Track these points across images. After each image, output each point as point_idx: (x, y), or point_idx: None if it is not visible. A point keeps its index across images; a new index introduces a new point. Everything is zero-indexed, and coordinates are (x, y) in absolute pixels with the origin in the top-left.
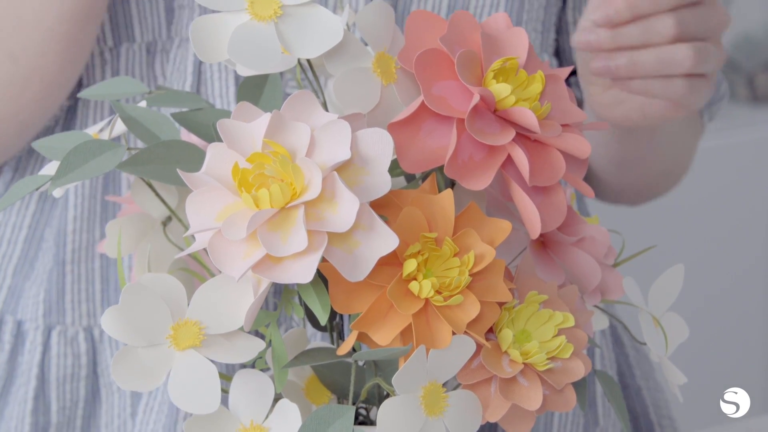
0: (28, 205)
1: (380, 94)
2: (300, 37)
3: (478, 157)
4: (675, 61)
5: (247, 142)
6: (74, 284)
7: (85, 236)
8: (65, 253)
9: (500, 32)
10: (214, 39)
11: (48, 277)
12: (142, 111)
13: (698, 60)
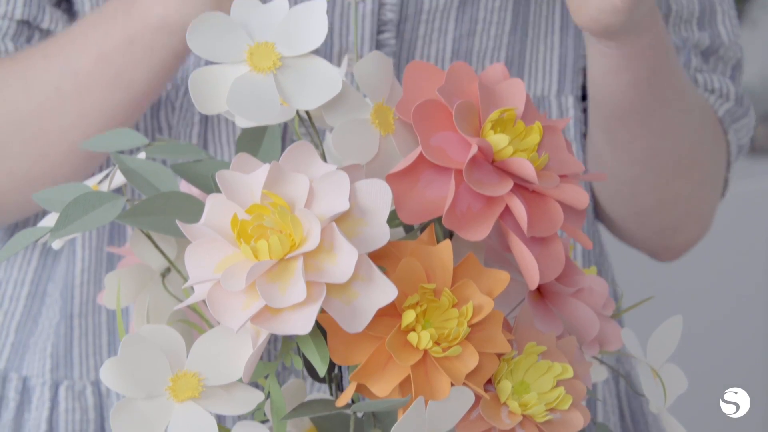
0: (30, 261)
1: (379, 145)
2: (299, 89)
3: (477, 208)
4: None
5: (246, 193)
6: (82, 338)
7: (92, 289)
8: (73, 307)
9: (498, 83)
10: (213, 90)
11: (55, 331)
12: (141, 163)
13: None
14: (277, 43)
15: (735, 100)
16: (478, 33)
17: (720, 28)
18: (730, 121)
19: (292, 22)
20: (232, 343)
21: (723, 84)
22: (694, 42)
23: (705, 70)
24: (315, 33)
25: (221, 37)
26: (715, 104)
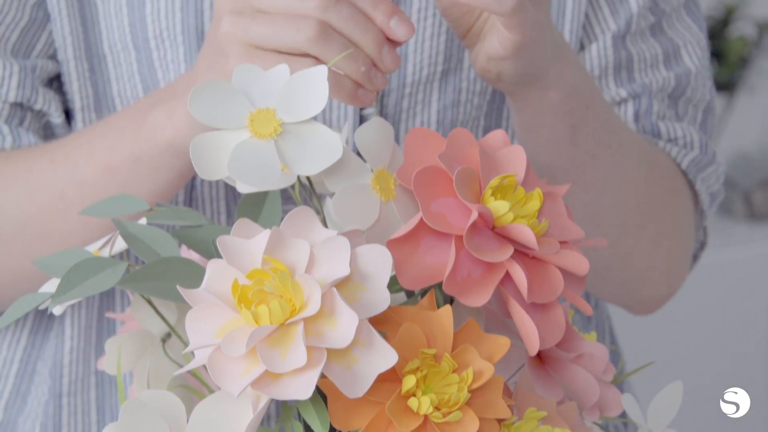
0: (20, 340)
1: (379, 211)
2: (300, 155)
3: (477, 274)
4: None
5: (246, 258)
6: (71, 417)
7: (81, 367)
8: (62, 386)
9: (498, 149)
10: (214, 156)
11: (44, 411)
12: (142, 228)
13: None
14: (278, 110)
15: (700, 149)
16: (462, 103)
17: (689, 65)
18: (696, 171)
19: (292, 88)
20: (232, 409)
21: (686, 132)
22: (659, 86)
23: (668, 117)
24: (316, 99)
25: (223, 104)
26: (678, 155)
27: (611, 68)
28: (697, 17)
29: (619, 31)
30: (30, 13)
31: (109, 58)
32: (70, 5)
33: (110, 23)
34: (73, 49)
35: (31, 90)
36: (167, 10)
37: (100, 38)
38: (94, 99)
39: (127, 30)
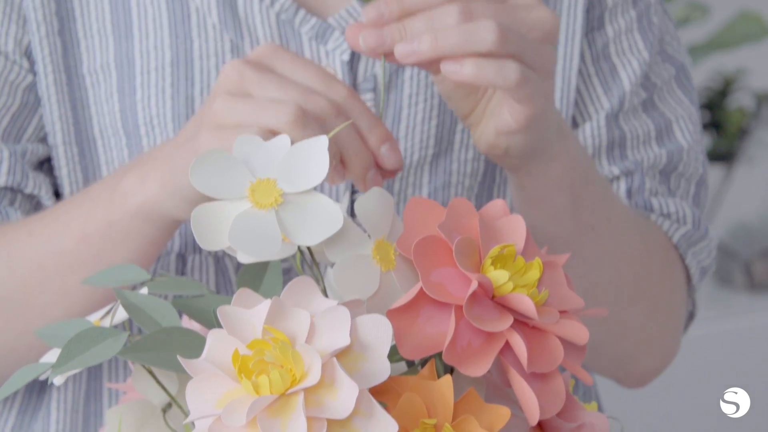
0: (7, 420)
1: (380, 281)
2: (300, 225)
3: (477, 344)
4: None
5: (247, 328)
6: None
7: None
8: None
9: (498, 219)
10: (215, 226)
11: None
12: (143, 298)
13: (504, 36)
14: (278, 180)
15: (692, 224)
16: (453, 185)
17: (681, 141)
18: (687, 246)
19: (293, 158)
20: None
21: (679, 208)
22: (651, 162)
23: (661, 193)
24: (316, 169)
25: (223, 174)
26: (669, 229)
27: (604, 147)
28: (688, 89)
29: (613, 110)
30: (21, 97)
31: (99, 143)
32: (59, 90)
33: (101, 108)
34: (62, 135)
35: (22, 175)
36: (158, 98)
37: (90, 123)
38: (83, 184)
39: (117, 116)
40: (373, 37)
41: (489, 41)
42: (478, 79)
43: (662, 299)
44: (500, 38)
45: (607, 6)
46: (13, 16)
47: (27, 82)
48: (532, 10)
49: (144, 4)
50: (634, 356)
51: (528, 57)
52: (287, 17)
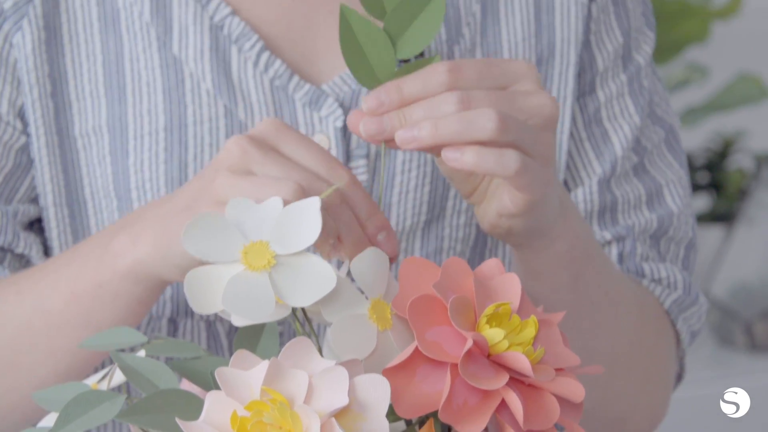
0: None
1: (377, 340)
2: (294, 287)
3: (473, 402)
4: (478, 124)
5: (245, 390)
6: None
7: None
8: None
9: (493, 277)
10: (208, 290)
11: None
12: (140, 361)
13: (504, 125)
14: (271, 242)
15: (683, 289)
16: (445, 250)
17: (671, 206)
18: (678, 311)
19: (286, 220)
20: None
21: (670, 273)
22: (642, 227)
23: (652, 258)
24: (309, 231)
25: (216, 237)
26: (661, 295)
27: (596, 212)
28: (677, 152)
29: (605, 175)
30: (15, 158)
31: (89, 204)
32: (51, 152)
33: (93, 171)
34: (53, 197)
35: (13, 235)
36: (151, 162)
37: (81, 184)
38: (73, 245)
39: (110, 179)
40: (373, 125)
41: (489, 129)
42: (478, 167)
43: (654, 365)
44: (500, 126)
45: (599, 70)
46: (8, 78)
47: (20, 143)
48: (531, 96)
49: (138, 69)
50: (626, 420)
51: (528, 144)
52: (281, 83)
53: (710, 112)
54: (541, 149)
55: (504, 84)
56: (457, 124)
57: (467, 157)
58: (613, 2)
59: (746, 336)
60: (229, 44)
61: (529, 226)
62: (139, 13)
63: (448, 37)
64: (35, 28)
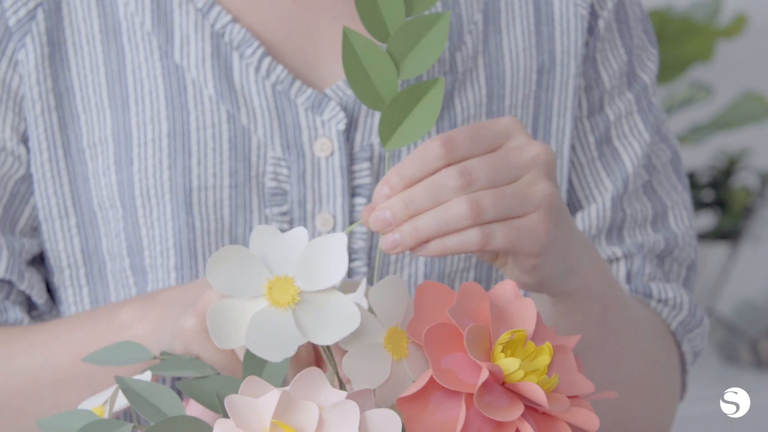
0: None
1: (390, 370)
2: (318, 325)
3: (487, 431)
4: (453, 216)
5: (255, 419)
6: None
7: None
8: None
9: (508, 302)
10: (231, 325)
11: None
12: (145, 385)
13: (477, 210)
14: (296, 278)
15: (688, 310)
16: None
17: (674, 230)
18: (684, 332)
19: (311, 255)
20: None
21: (677, 293)
22: (650, 246)
23: (659, 277)
24: (335, 268)
25: (241, 272)
26: (668, 317)
27: (606, 228)
28: (681, 175)
29: (618, 193)
30: (12, 189)
31: (98, 215)
32: (53, 165)
33: (98, 182)
34: (57, 209)
35: (18, 272)
36: (155, 169)
37: (90, 196)
38: (81, 255)
39: (114, 188)
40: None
41: (465, 217)
42: (445, 252)
43: (665, 386)
44: (474, 211)
45: (606, 88)
46: (9, 104)
47: (19, 174)
48: (524, 150)
49: (140, 77)
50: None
51: (515, 209)
52: (283, 88)
53: (715, 130)
54: (529, 206)
55: (495, 144)
56: (433, 221)
57: (432, 247)
58: (617, 20)
59: (752, 354)
60: (230, 51)
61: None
62: (140, 23)
63: (451, 44)
64: (38, 44)
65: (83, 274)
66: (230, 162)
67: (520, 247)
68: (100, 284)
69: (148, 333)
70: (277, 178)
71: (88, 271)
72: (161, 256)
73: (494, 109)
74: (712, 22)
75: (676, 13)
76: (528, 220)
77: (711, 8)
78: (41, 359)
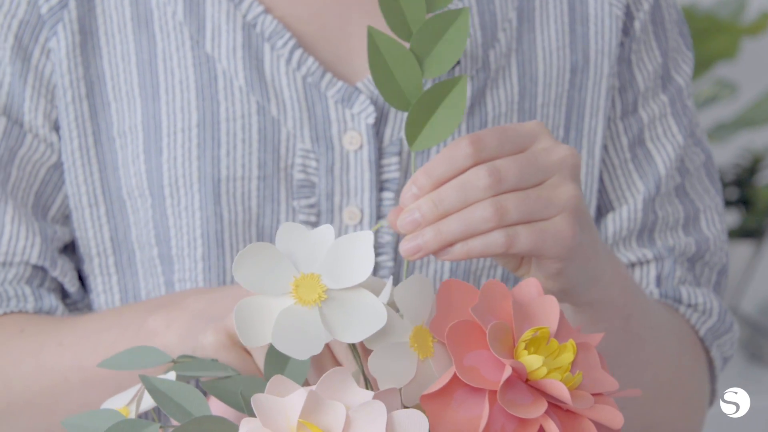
0: None
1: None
2: (344, 323)
3: (510, 428)
4: (477, 218)
5: (281, 419)
6: None
7: None
8: None
9: (531, 300)
10: (257, 322)
11: None
12: (170, 384)
13: (501, 212)
14: (322, 275)
15: (718, 316)
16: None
17: (706, 233)
18: (713, 339)
19: (338, 253)
20: None
21: (707, 299)
22: (681, 249)
23: (689, 281)
24: (361, 266)
25: (268, 269)
26: (697, 322)
27: (637, 230)
28: (714, 179)
29: (650, 194)
30: (44, 176)
31: (128, 204)
32: (84, 153)
33: (128, 170)
34: (87, 197)
35: (51, 259)
36: (184, 159)
37: (119, 184)
38: (110, 243)
39: (143, 176)
40: (408, 225)
41: (489, 220)
42: (470, 255)
43: (693, 391)
44: (498, 213)
45: (640, 90)
46: (42, 91)
47: (51, 161)
48: (551, 152)
49: (171, 67)
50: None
51: (537, 212)
52: (313, 80)
53: (739, 128)
54: (554, 209)
55: (523, 146)
56: (456, 223)
57: (456, 250)
58: (652, 21)
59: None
60: (261, 42)
61: (576, 281)
62: (172, 12)
63: (484, 41)
64: (69, 32)
65: (112, 263)
66: (259, 153)
67: (545, 249)
68: (129, 273)
69: (176, 341)
70: (306, 170)
71: (117, 260)
72: (188, 246)
73: (526, 107)
74: (736, 20)
75: (700, 11)
76: (553, 223)
77: (735, 6)
78: (71, 359)
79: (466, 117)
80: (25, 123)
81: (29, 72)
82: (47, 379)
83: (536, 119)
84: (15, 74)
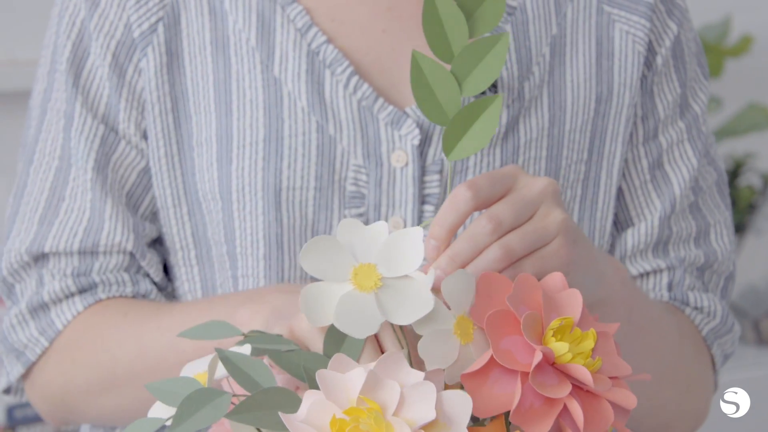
0: None
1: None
2: (397, 307)
3: (538, 405)
4: (489, 261)
5: (342, 394)
6: None
7: None
8: None
9: (557, 292)
10: (321, 305)
11: None
12: (243, 358)
13: (508, 253)
14: (378, 265)
15: (720, 318)
16: None
17: (714, 246)
18: (714, 338)
19: (392, 246)
20: None
21: (711, 303)
22: (691, 261)
23: (697, 287)
24: (412, 257)
25: (330, 258)
26: (700, 323)
27: (653, 243)
28: (724, 194)
29: (666, 213)
30: (135, 178)
31: (203, 206)
32: (169, 160)
33: (203, 176)
34: (171, 198)
35: (141, 251)
36: (251, 169)
37: (196, 188)
38: (192, 238)
39: (216, 183)
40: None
41: (499, 261)
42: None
43: (693, 379)
44: (506, 255)
45: (660, 118)
46: (134, 104)
47: (141, 166)
48: (533, 187)
49: (243, 87)
50: (670, 426)
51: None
52: (367, 104)
53: (723, 137)
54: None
55: (509, 185)
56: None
57: None
58: (673, 56)
59: (754, 332)
60: (323, 68)
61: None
62: (246, 39)
63: (520, 74)
64: (158, 53)
65: (194, 256)
66: (317, 167)
67: (548, 270)
68: (207, 265)
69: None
70: (357, 183)
71: (198, 253)
72: (251, 246)
73: (555, 132)
74: (721, 43)
75: None
76: (550, 247)
77: (720, 30)
78: (168, 342)
79: (501, 142)
80: (119, 131)
81: (123, 87)
82: (149, 358)
83: (564, 144)
84: (112, 88)
